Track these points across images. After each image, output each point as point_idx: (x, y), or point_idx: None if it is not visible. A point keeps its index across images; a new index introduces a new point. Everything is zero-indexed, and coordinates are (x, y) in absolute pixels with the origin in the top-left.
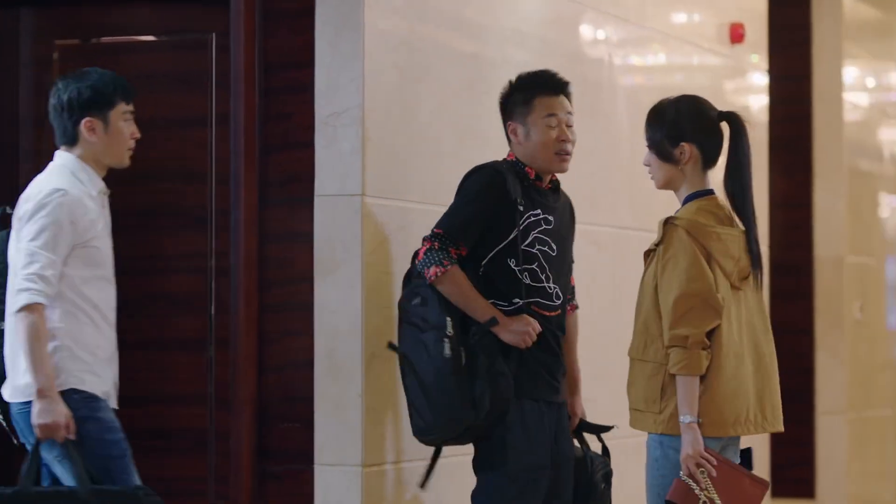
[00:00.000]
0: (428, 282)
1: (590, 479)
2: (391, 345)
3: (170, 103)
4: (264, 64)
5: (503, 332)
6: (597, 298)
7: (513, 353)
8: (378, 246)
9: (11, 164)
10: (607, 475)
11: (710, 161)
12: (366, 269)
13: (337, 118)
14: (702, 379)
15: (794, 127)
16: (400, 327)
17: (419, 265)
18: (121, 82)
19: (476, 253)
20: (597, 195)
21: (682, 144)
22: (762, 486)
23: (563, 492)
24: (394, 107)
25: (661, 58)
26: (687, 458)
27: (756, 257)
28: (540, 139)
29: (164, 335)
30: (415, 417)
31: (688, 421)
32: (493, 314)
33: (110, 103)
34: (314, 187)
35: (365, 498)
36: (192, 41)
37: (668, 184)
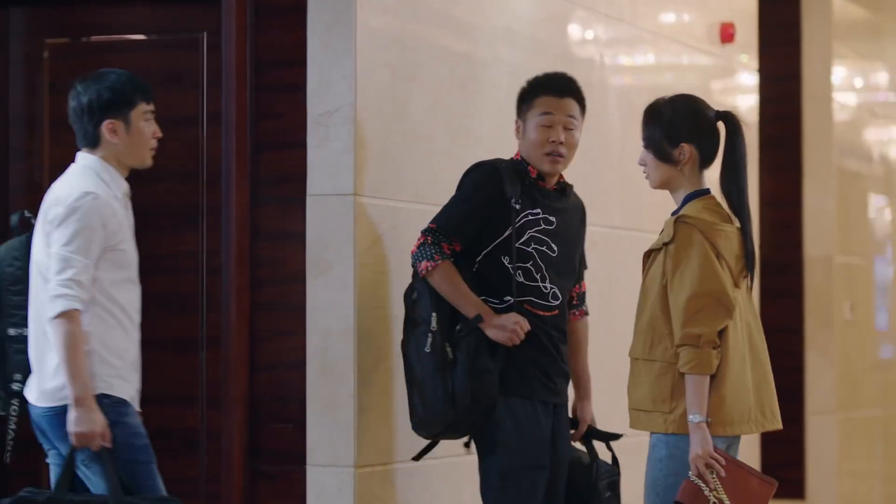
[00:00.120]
0: (420, 276)
1: (593, 485)
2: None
3: (161, 102)
4: (256, 62)
5: (489, 329)
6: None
7: (499, 351)
8: (370, 246)
9: (2, 163)
10: (613, 484)
11: (707, 161)
12: (358, 269)
13: (329, 117)
14: (710, 378)
15: (784, 126)
16: (404, 322)
17: (412, 259)
18: (140, 82)
19: (471, 249)
20: (587, 195)
21: (681, 145)
22: (770, 485)
23: (557, 493)
24: (386, 106)
25: (651, 57)
26: (697, 458)
27: (751, 256)
28: (533, 137)
29: (156, 334)
30: (411, 411)
31: (697, 420)
32: (481, 311)
33: (131, 104)
34: (306, 187)
35: (357, 499)
36: (182, 40)
37: (665, 184)
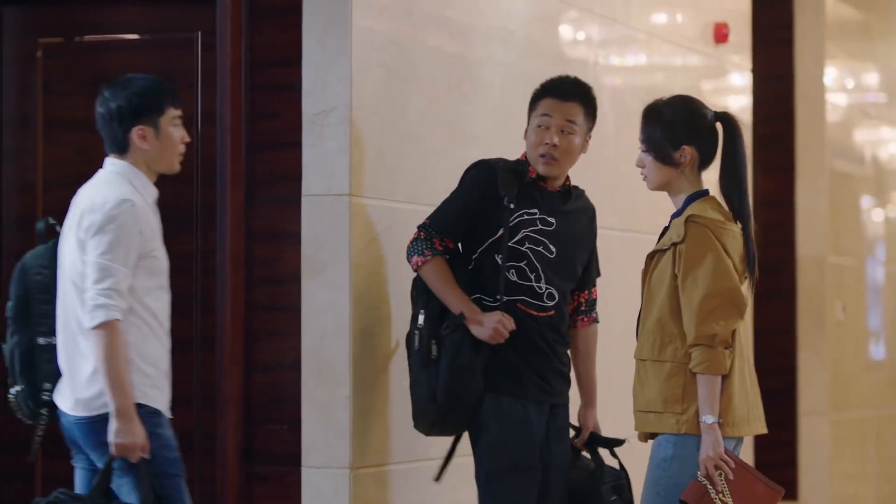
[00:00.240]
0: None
1: (595, 490)
2: None
3: None
4: (251, 62)
5: (473, 327)
6: None
7: (483, 348)
8: (366, 246)
9: None
10: (619, 487)
11: (706, 162)
12: (353, 270)
13: (324, 117)
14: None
15: (777, 126)
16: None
17: (406, 253)
18: (169, 87)
19: (468, 247)
20: None
21: (683, 147)
22: (777, 492)
23: (550, 496)
24: (381, 106)
25: (645, 58)
26: (707, 459)
27: (752, 257)
28: (531, 139)
29: None
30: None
31: (711, 421)
32: (464, 308)
33: (160, 110)
34: (301, 187)
35: (353, 500)
36: (177, 39)
37: (665, 186)
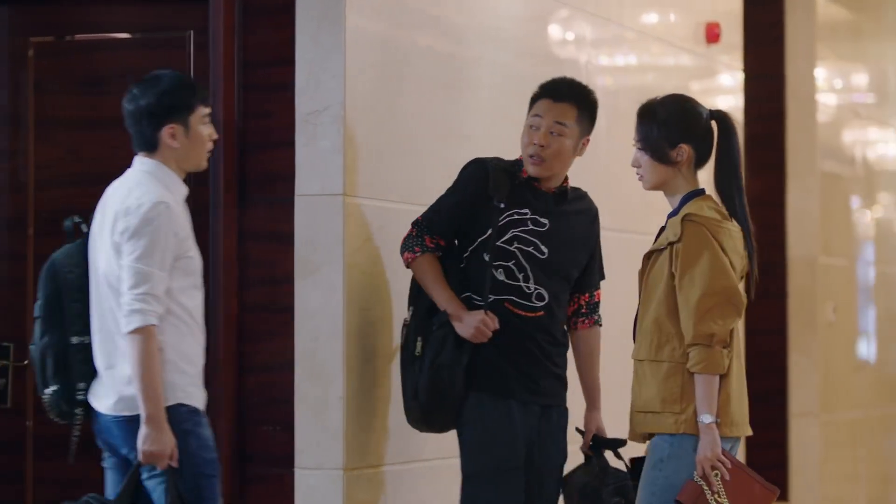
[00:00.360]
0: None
1: (597, 493)
2: None
3: None
4: (243, 61)
5: (457, 325)
6: None
7: (466, 347)
8: (360, 246)
9: None
10: (623, 489)
11: (702, 161)
12: (347, 270)
13: (318, 116)
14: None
15: (768, 126)
16: None
17: (400, 249)
18: (198, 85)
19: (460, 245)
20: None
21: (680, 146)
22: (772, 492)
23: (542, 497)
24: (375, 105)
25: (638, 57)
26: (704, 459)
27: (752, 254)
28: (522, 139)
29: None
30: None
31: (708, 421)
32: (449, 306)
33: (190, 108)
34: (294, 186)
35: (346, 501)
36: (169, 38)
37: (661, 185)
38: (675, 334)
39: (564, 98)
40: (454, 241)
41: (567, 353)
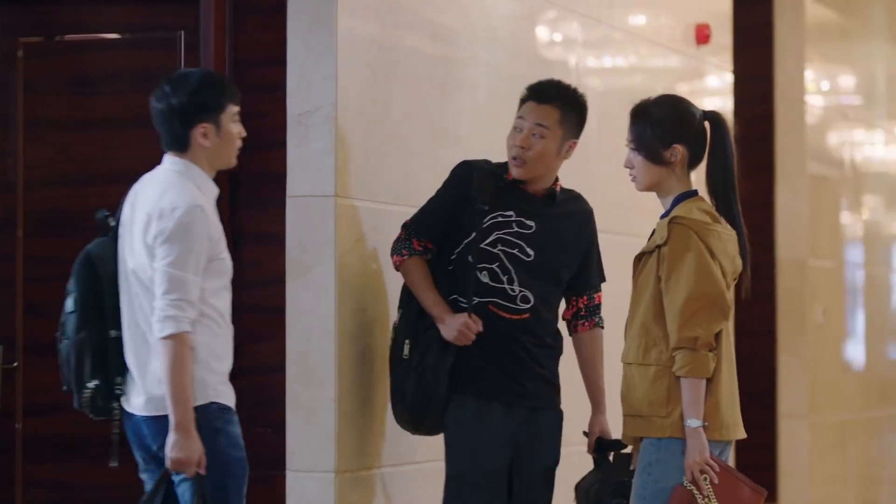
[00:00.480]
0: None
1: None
2: None
3: (138, 102)
4: (235, 61)
5: (441, 328)
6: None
7: (450, 349)
8: (351, 247)
9: None
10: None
11: (695, 161)
12: (339, 272)
13: (309, 117)
14: (706, 382)
15: (757, 127)
16: None
17: (390, 252)
18: (229, 84)
19: (447, 248)
20: None
21: (674, 146)
22: (760, 493)
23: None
24: (367, 106)
25: (628, 58)
26: (693, 463)
27: (745, 255)
28: (507, 141)
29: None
30: None
31: (695, 425)
32: (434, 309)
33: (221, 107)
34: (286, 187)
35: None
36: (159, 39)
37: (655, 186)
38: (662, 338)
39: (548, 100)
40: (443, 243)
41: (558, 355)
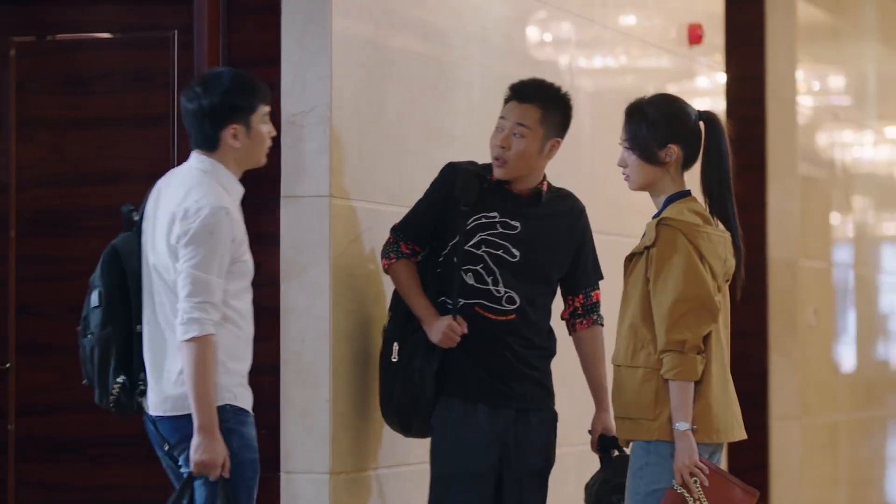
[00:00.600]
0: None
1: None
2: None
3: (130, 101)
4: (228, 61)
5: (427, 331)
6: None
7: (436, 352)
8: (346, 248)
9: None
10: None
11: (689, 162)
12: (334, 272)
13: (304, 117)
14: (695, 384)
15: (749, 128)
16: None
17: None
18: (259, 84)
19: (436, 250)
20: None
21: (669, 146)
22: (752, 495)
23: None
24: (361, 106)
25: (621, 59)
26: (682, 466)
27: (739, 256)
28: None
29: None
30: None
31: (684, 428)
32: (420, 312)
33: (252, 108)
34: (280, 188)
35: None
36: (152, 38)
37: (648, 186)
38: (650, 340)
39: (529, 99)
40: (432, 245)
41: (550, 356)
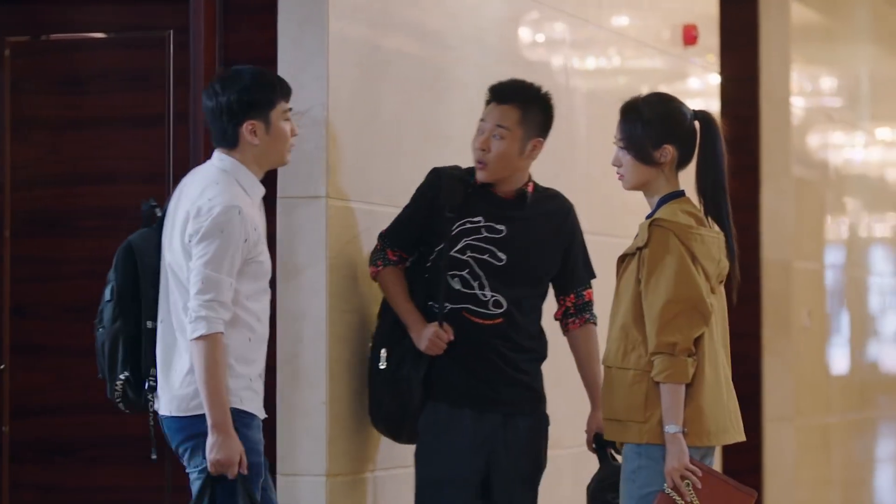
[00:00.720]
0: None
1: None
2: None
3: (126, 102)
4: (225, 61)
5: (413, 338)
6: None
7: (424, 358)
8: (342, 249)
9: None
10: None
11: (684, 162)
12: (330, 273)
13: (300, 118)
14: (686, 387)
15: (743, 129)
16: None
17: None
18: (279, 80)
19: (424, 255)
20: None
21: (664, 146)
22: (749, 496)
23: None
24: (358, 107)
25: (617, 60)
26: (672, 470)
27: (733, 257)
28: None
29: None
30: None
31: (674, 431)
32: (407, 319)
33: (271, 104)
34: (276, 188)
35: None
36: (148, 38)
37: (642, 186)
38: (641, 341)
39: (507, 100)
40: (420, 251)
41: (540, 359)
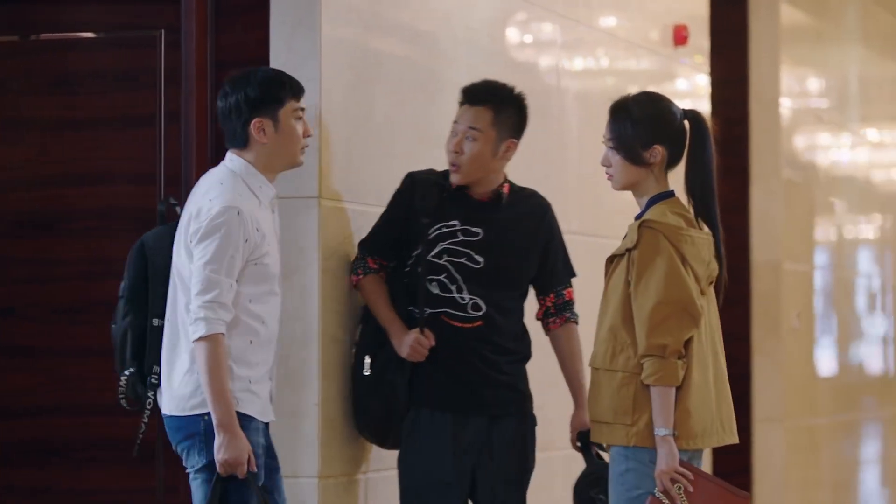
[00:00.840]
0: None
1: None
2: None
3: (116, 102)
4: (216, 61)
5: (395, 345)
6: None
7: (406, 364)
8: (335, 250)
9: None
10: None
11: (674, 162)
12: (322, 275)
13: None
14: (675, 390)
15: (732, 130)
16: None
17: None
18: (289, 78)
19: (404, 260)
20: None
21: (654, 146)
22: (743, 499)
23: None
24: (350, 108)
25: (607, 60)
26: (662, 473)
27: (721, 259)
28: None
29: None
30: None
31: (664, 434)
32: (388, 326)
33: (279, 101)
34: None
35: None
36: (139, 37)
37: (632, 186)
38: (630, 343)
39: (480, 102)
40: (399, 257)
41: (523, 359)
